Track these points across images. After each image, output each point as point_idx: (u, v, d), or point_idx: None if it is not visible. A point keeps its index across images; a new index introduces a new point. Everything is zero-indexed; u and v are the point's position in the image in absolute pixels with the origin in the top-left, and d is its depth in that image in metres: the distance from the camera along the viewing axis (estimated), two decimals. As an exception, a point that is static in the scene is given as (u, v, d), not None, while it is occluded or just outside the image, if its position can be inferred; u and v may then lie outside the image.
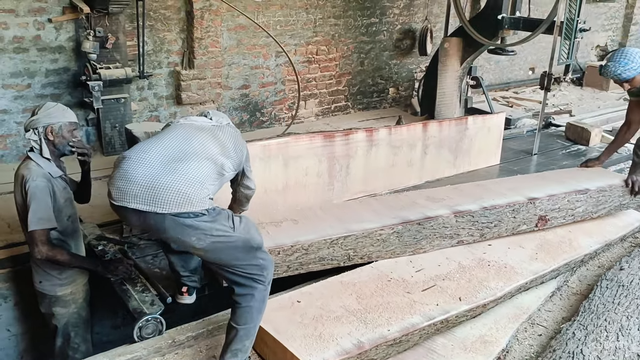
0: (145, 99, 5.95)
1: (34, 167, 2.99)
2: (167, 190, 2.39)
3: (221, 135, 2.79)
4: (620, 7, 10.95)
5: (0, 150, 5.24)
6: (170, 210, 2.38)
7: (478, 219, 3.77)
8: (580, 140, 6.34)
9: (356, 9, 7.26)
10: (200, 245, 2.46)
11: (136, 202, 2.40)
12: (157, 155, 2.54)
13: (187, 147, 2.62)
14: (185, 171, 2.49)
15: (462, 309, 3.12)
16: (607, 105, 8.75)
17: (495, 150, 5.61)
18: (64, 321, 3.24)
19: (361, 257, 3.49)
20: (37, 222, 2.89)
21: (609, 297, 3.33)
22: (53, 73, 5.30)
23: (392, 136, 4.74)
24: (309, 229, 3.47)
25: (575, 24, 5.41)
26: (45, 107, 3.05)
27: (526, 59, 9.70)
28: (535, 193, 4.04)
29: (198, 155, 2.60)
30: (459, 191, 4.17)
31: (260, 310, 2.65)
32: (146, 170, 2.47)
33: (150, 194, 2.39)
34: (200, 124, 2.85)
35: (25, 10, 5.03)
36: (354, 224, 3.53)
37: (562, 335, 3.03)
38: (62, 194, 3.10)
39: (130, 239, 3.88)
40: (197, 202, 2.43)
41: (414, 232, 3.59)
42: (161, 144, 2.63)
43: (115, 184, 2.48)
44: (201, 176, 2.52)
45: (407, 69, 8.13)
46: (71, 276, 3.20)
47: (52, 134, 3.02)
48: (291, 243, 3.26)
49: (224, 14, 6.09)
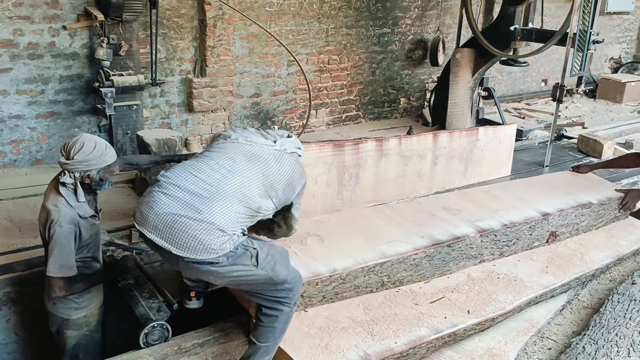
0: (157, 106, 6.00)
1: (63, 207, 2.84)
2: (185, 235, 2.29)
3: (275, 169, 2.53)
4: (634, 20, 10.88)
5: (14, 155, 5.29)
6: (186, 255, 2.30)
7: (500, 237, 3.71)
8: (593, 153, 6.27)
9: (368, 19, 7.28)
10: (219, 283, 2.45)
11: (155, 234, 2.35)
12: (187, 189, 2.40)
13: (224, 184, 2.42)
14: (208, 214, 2.33)
15: (470, 322, 3.09)
16: (620, 117, 8.68)
17: (506, 162, 5.56)
18: (74, 342, 3.13)
19: (393, 282, 3.34)
20: (57, 269, 2.82)
21: (620, 312, 3.27)
22: (67, 79, 5.36)
23: (402, 146, 4.71)
24: (339, 250, 3.27)
25: (588, 36, 5.38)
26: (82, 151, 2.82)
27: (539, 71, 9.66)
28: (546, 206, 4.00)
29: (231, 196, 2.40)
30: (469, 199, 4.14)
31: (283, 330, 2.62)
32: (169, 204, 2.36)
33: (169, 232, 2.31)
34: (258, 148, 2.58)
35: (40, 17, 5.10)
36: (384, 244, 3.38)
37: (572, 349, 2.98)
38: (89, 230, 2.98)
39: (138, 245, 3.89)
40: (215, 250, 2.32)
41: (443, 254, 3.47)
42: (197, 174, 2.46)
43: (140, 207, 2.43)
44: (226, 223, 2.35)
45: (419, 80, 8.12)
46: (88, 299, 3.10)
47: (89, 179, 2.89)
48: (328, 273, 3.06)
49: (236, 22, 6.14)
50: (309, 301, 3.02)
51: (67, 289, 2.91)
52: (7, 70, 5.07)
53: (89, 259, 3.09)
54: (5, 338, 3.77)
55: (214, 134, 2.75)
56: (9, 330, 3.78)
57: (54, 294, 2.89)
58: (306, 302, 3.01)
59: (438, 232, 3.57)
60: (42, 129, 5.35)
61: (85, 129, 5.54)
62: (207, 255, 2.30)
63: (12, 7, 4.94)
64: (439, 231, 3.59)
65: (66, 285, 2.89)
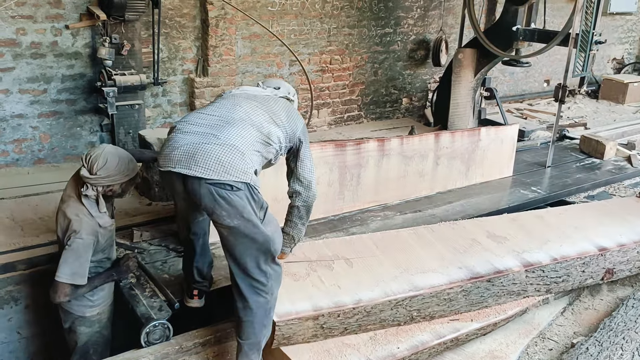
0: (159, 106, 6.00)
1: (85, 218, 2.86)
2: (206, 156, 2.43)
3: (272, 104, 2.79)
4: (637, 20, 10.85)
5: (16, 155, 5.30)
6: (208, 176, 2.40)
7: (548, 273, 3.39)
8: (595, 154, 6.27)
9: (370, 19, 7.27)
10: (227, 223, 2.45)
11: (179, 166, 2.46)
12: (202, 123, 2.60)
13: (232, 114, 2.65)
14: (226, 138, 2.51)
15: (472, 327, 3.07)
16: (623, 118, 8.65)
17: (508, 162, 5.56)
18: (85, 339, 3.17)
19: (424, 317, 3.09)
20: (69, 276, 2.83)
21: (632, 316, 3.24)
22: (69, 79, 5.36)
23: (404, 146, 4.72)
24: (367, 277, 3.09)
25: (591, 37, 5.37)
26: (106, 167, 2.82)
27: (541, 71, 9.64)
28: (604, 239, 3.67)
29: (242, 121, 2.61)
30: (519, 226, 3.82)
31: (264, 325, 2.61)
32: (189, 138, 2.53)
33: (192, 159, 2.44)
34: (253, 92, 2.87)
35: (43, 16, 5.11)
36: (417, 275, 3.14)
37: (575, 349, 2.98)
38: (105, 237, 3.02)
39: (140, 244, 3.89)
40: (235, 172, 2.43)
41: (482, 289, 3.19)
42: (207, 112, 2.69)
43: (162, 152, 2.59)
44: (242, 144, 2.52)
45: (421, 80, 8.12)
46: (102, 298, 3.13)
47: (111, 192, 2.93)
48: (352, 304, 2.87)
49: (238, 22, 6.13)
50: (329, 332, 2.87)
51: (71, 296, 2.92)
52: (9, 70, 5.07)
53: (104, 260, 3.13)
54: (7, 337, 3.78)
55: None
56: (10, 329, 3.79)
57: (57, 299, 2.89)
58: (326, 334, 2.86)
59: (478, 264, 3.28)
60: (45, 128, 5.36)
61: (87, 128, 5.54)
62: (228, 176, 2.40)
63: (14, 6, 4.94)
64: (480, 262, 3.30)
65: (72, 292, 2.90)
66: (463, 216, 4.52)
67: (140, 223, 4.20)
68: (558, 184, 5.40)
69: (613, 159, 6.17)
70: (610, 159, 6.20)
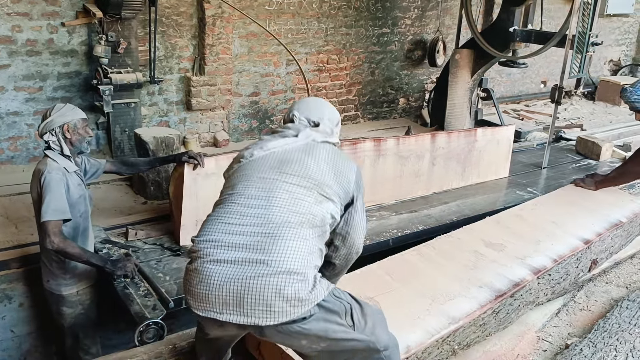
0: (155, 104, 5.99)
1: (50, 161, 3.07)
2: (262, 295, 1.83)
3: (312, 165, 2.09)
4: (634, 22, 10.89)
5: (11, 152, 5.28)
6: (272, 322, 1.85)
7: (553, 276, 3.39)
8: (591, 155, 6.28)
9: (368, 19, 7.27)
10: (314, 349, 1.98)
11: (227, 312, 1.87)
12: (236, 242, 1.93)
13: (271, 213, 1.97)
14: (279, 262, 1.87)
15: None
16: (619, 120, 8.68)
17: (504, 163, 5.57)
18: (71, 322, 3.28)
19: (462, 347, 2.90)
20: (51, 212, 2.92)
21: (626, 317, 3.23)
22: (65, 76, 5.35)
23: (400, 146, 4.72)
24: (403, 316, 2.80)
25: (587, 38, 5.38)
26: (56, 108, 3.16)
27: (538, 72, 9.66)
28: (583, 231, 3.68)
29: (288, 225, 1.94)
30: (506, 228, 3.76)
31: None
32: (227, 271, 1.89)
33: (242, 300, 1.85)
34: (281, 153, 2.14)
35: (38, 13, 5.09)
36: (447, 303, 2.94)
37: (569, 351, 2.98)
38: (77, 189, 3.14)
39: (135, 243, 3.88)
40: (304, 303, 1.86)
41: (507, 305, 3.10)
42: (236, 219, 1.99)
43: (191, 290, 1.93)
44: (301, 262, 1.89)
45: (418, 80, 8.12)
46: (75, 276, 3.23)
47: (69, 132, 3.11)
48: (404, 354, 2.56)
49: (235, 21, 6.13)
50: None
51: (62, 238, 2.94)
52: (5, 67, 5.06)
53: (80, 228, 3.20)
54: (1, 335, 3.78)
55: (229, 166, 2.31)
56: (4, 327, 3.78)
57: (52, 239, 2.91)
58: None
59: (495, 279, 3.19)
60: (40, 126, 5.34)
61: (83, 126, 5.53)
62: (296, 310, 1.85)
63: (10, 3, 4.93)
64: (494, 277, 3.21)
65: (61, 232, 2.95)
66: (459, 217, 4.52)
67: (135, 222, 4.19)
68: (554, 185, 5.39)
69: (609, 161, 6.18)
70: (606, 160, 6.21)
